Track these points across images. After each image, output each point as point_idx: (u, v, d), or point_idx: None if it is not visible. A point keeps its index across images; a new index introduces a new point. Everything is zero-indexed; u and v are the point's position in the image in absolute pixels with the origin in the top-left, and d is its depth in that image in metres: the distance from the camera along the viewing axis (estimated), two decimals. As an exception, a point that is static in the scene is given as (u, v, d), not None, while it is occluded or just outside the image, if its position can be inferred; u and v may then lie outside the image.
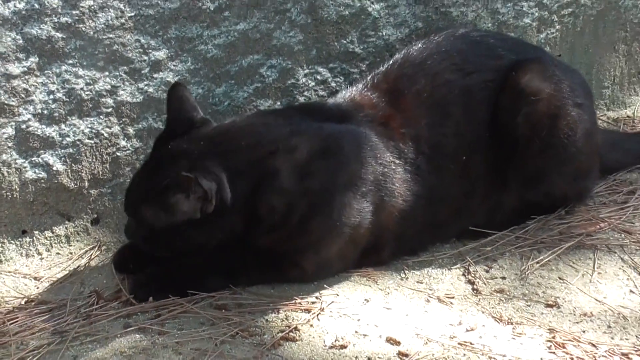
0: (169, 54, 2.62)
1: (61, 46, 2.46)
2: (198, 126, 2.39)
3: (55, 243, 2.59)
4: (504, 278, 2.48)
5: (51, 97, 2.48)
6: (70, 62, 2.48)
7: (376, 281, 2.45)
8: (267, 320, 2.24)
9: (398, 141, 2.50)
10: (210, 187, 2.23)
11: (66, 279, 2.47)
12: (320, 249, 2.40)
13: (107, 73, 2.54)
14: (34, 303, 2.36)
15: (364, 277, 2.46)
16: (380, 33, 2.92)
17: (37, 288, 2.45)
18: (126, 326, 2.22)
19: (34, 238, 2.57)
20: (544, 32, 3.24)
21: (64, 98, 2.50)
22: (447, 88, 2.59)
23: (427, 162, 2.52)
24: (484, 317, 2.31)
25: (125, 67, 2.56)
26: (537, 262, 2.53)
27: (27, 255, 2.56)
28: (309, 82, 2.86)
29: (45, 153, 2.51)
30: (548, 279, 2.48)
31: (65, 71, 2.48)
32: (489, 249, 2.60)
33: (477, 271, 2.50)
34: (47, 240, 2.58)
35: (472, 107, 2.61)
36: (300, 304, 2.31)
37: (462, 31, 2.76)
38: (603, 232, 2.66)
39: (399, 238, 2.51)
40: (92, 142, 2.57)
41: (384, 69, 2.65)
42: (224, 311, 2.28)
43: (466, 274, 2.50)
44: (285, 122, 2.44)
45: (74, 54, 2.48)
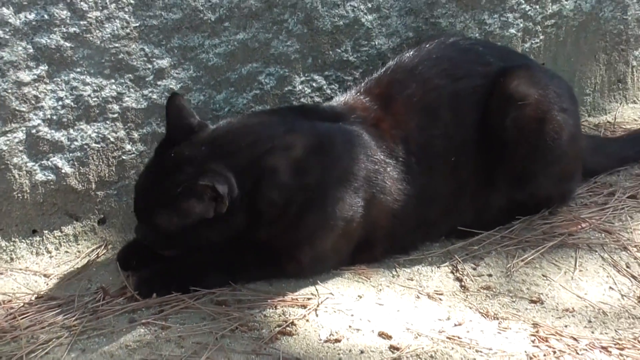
0: (172, 63, 2.62)
1: (69, 55, 2.47)
2: (197, 131, 2.38)
3: (64, 242, 2.61)
4: (490, 275, 2.50)
5: (60, 103, 2.49)
6: (78, 70, 2.49)
7: (369, 278, 2.46)
8: (265, 316, 2.25)
9: (389, 141, 2.51)
10: (224, 190, 2.23)
11: (74, 276, 2.48)
12: (316, 241, 2.40)
13: (113, 80, 2.55)
14: (43, 299, 2.37)
15: (358, 275, 2.47)
16: (373, 42, 2.93)
17: (47, 285, 2.46)
18: (131, 321, 2.24)
19: (44, 237, 2.58)
20: (528, 42, 3.25)
21: (72, 104, 2.51)
22: (437, 92, 2.59)
23: (417, 162, 2.52)
24: (471, 313, 2.33)
25: (130, 75, 2.58)
26: (522, 260, 2.54)
27: (37, 253, 2.57)
28: (305, 89, 2.87)
29: (54, 156, 2.52)
30: (532, 276, 2.50)
31: (74, 79, 2.49)
32: (476, 247, 2.60)
33: (465, 269, 2.52)
34: (56, 239, 2.60)
35: (461, 110, 2.61)
36: (297, 300, 2.32)
37: (452, 39, 2.75)
38: (584, 232, 2.68)
39: (390, 236, 2.52)
40: (99, 146, 2.58)
41: (377, 75, 2.66)
42: (224, 307, 2.28)
43: (454, 271, 2.52)
44: (280, 121, 2.44)
45: (81, 62, 2.49)
